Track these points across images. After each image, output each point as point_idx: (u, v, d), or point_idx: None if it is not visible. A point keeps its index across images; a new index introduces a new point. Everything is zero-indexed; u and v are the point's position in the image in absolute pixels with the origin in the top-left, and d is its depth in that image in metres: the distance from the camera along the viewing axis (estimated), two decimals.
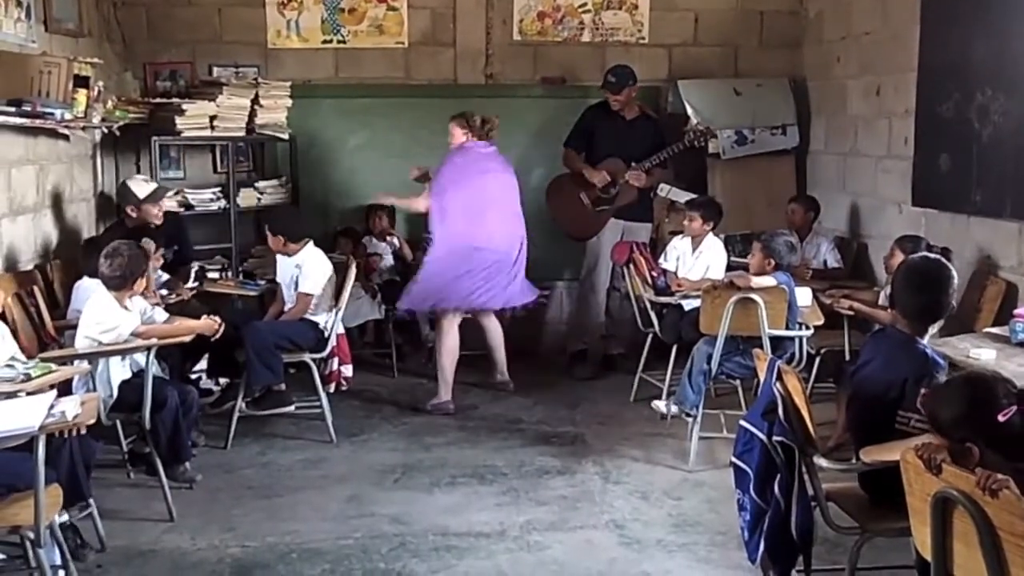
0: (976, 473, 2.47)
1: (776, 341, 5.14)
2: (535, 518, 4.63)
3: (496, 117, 6.30)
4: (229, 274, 6.70)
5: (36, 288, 5.11)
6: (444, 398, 6.28)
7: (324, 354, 5.83)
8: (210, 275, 6.41)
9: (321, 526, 4.55)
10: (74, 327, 4.83)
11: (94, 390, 4.47)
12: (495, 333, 6.48)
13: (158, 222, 5.97)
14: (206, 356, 5.77)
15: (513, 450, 5.56)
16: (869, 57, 6.67)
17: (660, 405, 5.53)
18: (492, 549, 4.32)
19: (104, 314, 4.65)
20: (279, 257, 5.97)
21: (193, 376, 5.70)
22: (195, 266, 6.22)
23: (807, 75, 7.60)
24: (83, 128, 5.79)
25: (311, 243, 5.92)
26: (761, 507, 3.51)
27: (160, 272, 5.84)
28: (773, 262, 5.23)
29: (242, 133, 6.90)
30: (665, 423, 5.71)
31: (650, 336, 6.19)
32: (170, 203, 6.63)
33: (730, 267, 6.06)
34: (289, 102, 7.06)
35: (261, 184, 7.15)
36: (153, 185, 6.03)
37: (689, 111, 7.27)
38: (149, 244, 5.45)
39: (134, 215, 5.91)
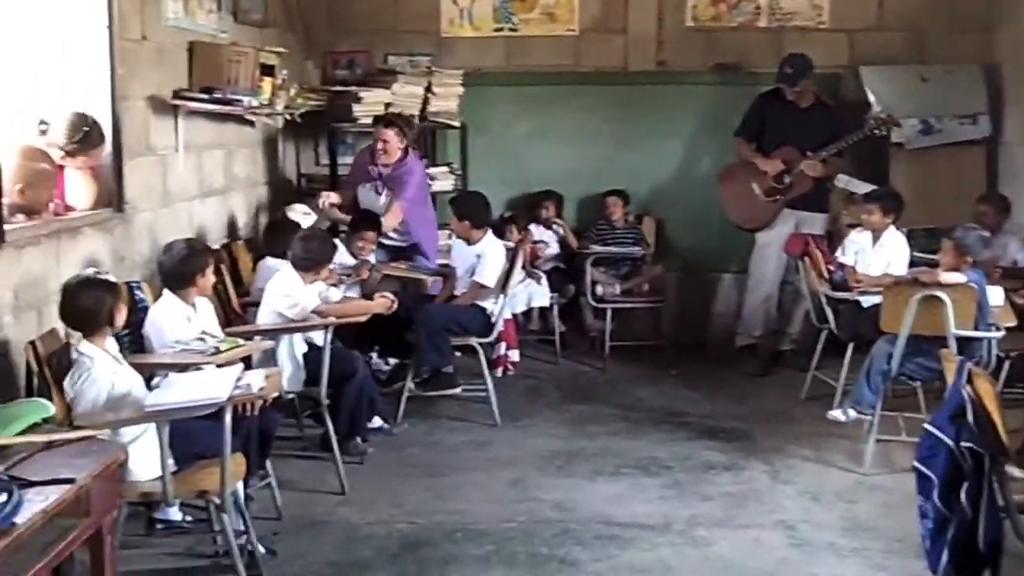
0: None
1: (963, 343, 4.88)
2: (700, 513, 4.56)
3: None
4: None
5: (222, 266, 5.34)
6: None
7: (491, 339, 5.90)
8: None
9: (485, 508, 4.60)
10: (258, 304, 5.05)
11: (276, 364, 4.65)
12: None
13: None
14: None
15: (678, 443, 5.49)
16: None
17: (837, 414, 5.28)
18: (656, 541, 4.27)
19: (291, 288, 4.87)
20: (457, 242, 6.07)
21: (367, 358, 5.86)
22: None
23: (1001, 60, 7.18)
24: (267, 115, 6.01)
25: (491, 232, 6.00)
26: (945, 515, 3.36)
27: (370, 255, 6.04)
28: (970, 259, 4.99)
29: (416, 120, 7.01)
30: (837, 424, 5.51)
31: (824, 332, 6.01)
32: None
33: (913, 263, 5.82)
34: (461, 90, 7.13)
35: (432, 171, 7.26)
36: (313, 217, 6.18)
37: (871, 99, 7.01)
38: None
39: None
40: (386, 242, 6.29)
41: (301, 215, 6.10)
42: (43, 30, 4.34)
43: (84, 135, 4.28)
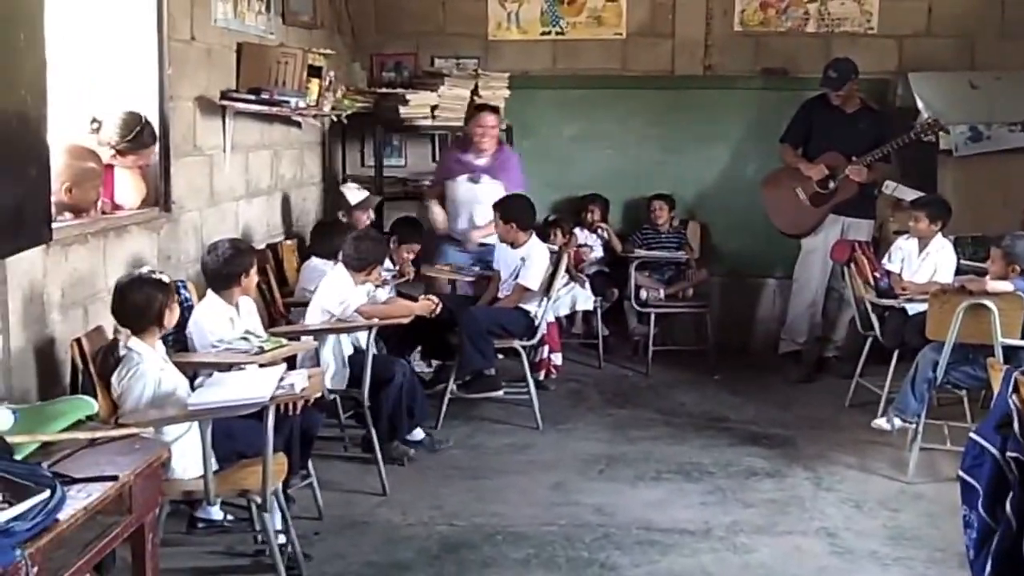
0: None
1: (1009, 351, 4.81)
2: (742, 519, 4.53)
3: None
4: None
5: (267, 266, 5.38)
6: None
7: (534, 341, 5.91)
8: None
9: (526, 511, 4.60)
10: (302, 305, 5.09)
11: (319, 364, 4.68)
12: None
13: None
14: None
15: (720, 449, 5.46)
16: None
17: (882, 423, 5.22)
18: (696, 547, 4.25)
19: (342, 287, 4.92)
20: (501, 245, 6.08)
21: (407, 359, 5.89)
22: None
23: None
24: (314, 116, 6.06)
25: (535, 235, 6.01)
26: (990, 525, 3.31)
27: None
28: (1018, 268, 4.92)
29: (461, 123, 7.02)
30: (881, 431, 5.46)
31: (869, 340, 5.95)
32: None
33: (960, 270, 5.76)
34: (507, 93, 7.15)
35: None
36: (364, 193, 6.24)
37: (920, 105, 6.91)
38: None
39: (345, 220, 6.09)
40: (488, 242, 6.31)
41: (354, 191, 6.18)
42: (94, 29, 4.39)
43: (136, 134, 4.30)
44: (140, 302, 3.62)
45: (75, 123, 4.22)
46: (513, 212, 5.97)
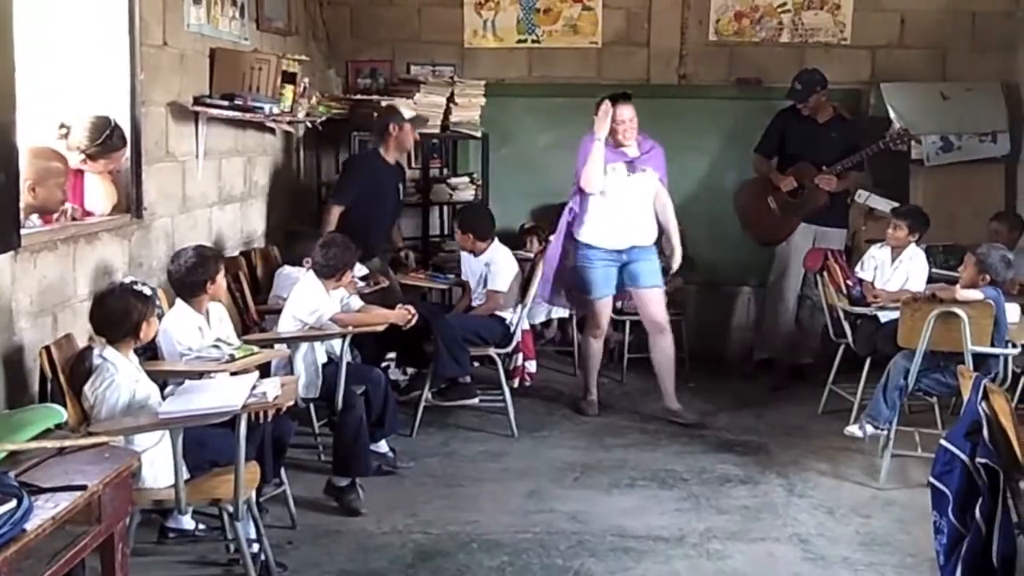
0: None
1: (979, 359, 4.87)
2: (715, 526, 4.54)
3: None
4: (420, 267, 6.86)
5: (241, 273, 5.35)
6: None
7: (509, 349, 5.91)
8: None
9: (501, 518, 4.60)
10: (275, 312, 5.07)
11: (292, 373, 4.65)
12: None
13: (410, 148, 6.26)
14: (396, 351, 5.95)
15: (695, 456, 5.48)
16: None
17: (854, 430, 5.20)
18: (670, 554, 4.26)
19: (313, 295, 4.87)
20: (464, 255, 6.09)
21: (382, 366, 5.86)
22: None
23: (1021, 79, 7.16)
24: (288, 122, 6.04)
25: (497, 241, 6.01)
26: (959, 531, 3.34)
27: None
28: (988, 277, 4.96)
29: (437, 130, 7.04)
30: (853, 438, 5.48)
31: (842, 347, 5.99)
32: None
33: (931, 279, 5.80)
34: (483, 100, 7.16)
35: (453, 181, 7.30)
36: (413, 113, 6.25)
37: (892, 115, 6.98)
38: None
39: (395, 133, 6.08)
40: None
41: (406, 110, 6.29)
42: (64, 34, 4.36)
43: (105, 138, 4.26)
44: (118, 310, 3.59)
45: (44, 128, 4.17)
46: (470, 222, 5.99)
